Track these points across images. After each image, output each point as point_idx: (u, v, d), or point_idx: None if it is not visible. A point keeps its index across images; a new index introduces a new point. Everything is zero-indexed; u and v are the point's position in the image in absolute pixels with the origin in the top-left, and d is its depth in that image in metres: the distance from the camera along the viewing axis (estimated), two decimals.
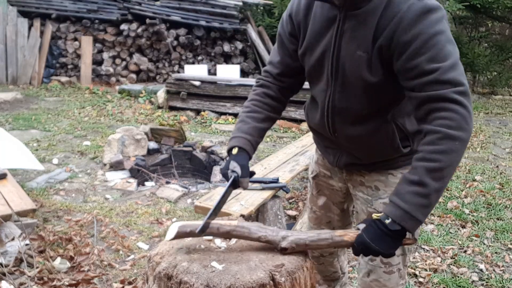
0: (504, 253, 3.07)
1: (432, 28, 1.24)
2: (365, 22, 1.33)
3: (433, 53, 1.23)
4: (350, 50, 1.37)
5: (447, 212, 3.65)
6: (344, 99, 1.45)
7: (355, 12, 1.35)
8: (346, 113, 1.47)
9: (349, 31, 1.37)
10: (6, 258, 2.53)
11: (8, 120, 5.93)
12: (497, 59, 9.17)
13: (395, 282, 1.64)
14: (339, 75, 1.43)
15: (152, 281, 1.24)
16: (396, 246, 1.24)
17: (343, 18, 1.37)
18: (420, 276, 2.74)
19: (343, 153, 1.59)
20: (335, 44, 1.40)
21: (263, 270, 1.19)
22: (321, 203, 1.84)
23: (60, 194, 3.76)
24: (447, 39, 1.25)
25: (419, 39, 1.24)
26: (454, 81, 1.21)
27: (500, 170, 4.79)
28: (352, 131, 1.48)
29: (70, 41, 8.47)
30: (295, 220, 3.43)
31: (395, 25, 1.27)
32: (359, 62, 1.36)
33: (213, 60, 8.53)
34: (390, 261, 1.61)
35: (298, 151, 3.73)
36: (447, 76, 1.21)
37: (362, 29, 1.34)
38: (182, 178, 4.56)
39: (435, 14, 1.25)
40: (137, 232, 3.18)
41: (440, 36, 1.24)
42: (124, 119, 6.30)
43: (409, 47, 1.25)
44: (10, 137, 4.01)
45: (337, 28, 1.39)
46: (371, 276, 1.65)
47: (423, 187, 1.19)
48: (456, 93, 1.20)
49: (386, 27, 1.30)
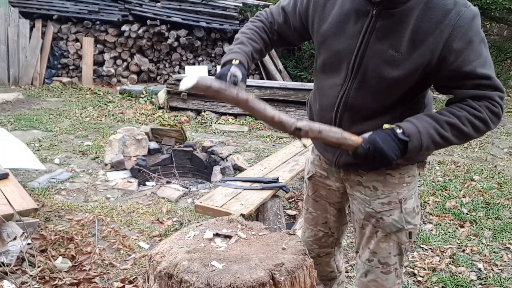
0: (502, 253, 3.08)
1: (479, 35, 1.33)
2: (401, 21, 1.33)
3: (482, 60, 1.33)
4: (380, 48, 1.36)
5: (445, 211, 3.67)
6: (360, 96, 1.44)
7: (392, 11, 1.33)
8: (357, 110, 1.47)
9: (382, 30, 1.35)
10: (8, 258, 2.55)
11: (10, 120, 5.95)
12: (495, 60, 9.16)
13: (392, 282, 1.65)
14: (360, 72, 1.41)
15: (153, 280, 1.25)
16: (397, 155, 1.33)
17: (376, 15, 1.35)
18: (418, 275, 2.76)
19: (343, 152, 1.57)
20: (363, 40, 1.38)
21: (263, 269, 1.20)
22: (317, 203, 1.84)
23: (61, 194, 3.78)
24: (486, 45, 1.37)
25: (470, 46, 1.31)
26: (500, 88, 1.36)
27: (498, 170, 4.81)
28: (359, 129, 1.45)
29: (72, 42, 8.49)
30: (294, 219, 3.45)
31: (446, 33, 1.30)
32: (388, 61, 1.36)
33: (214, 60, 8.54)
34: (387, 261, 1.62)
35: (298, 151, 3.75)
36: (496, 83, 1.35)
37: (397, 28, 1.33)
38: (182, 178, 4.57)
39: (479, 20, 1.34)
40: (138, 231, 3.20)
41: (483, 43, 1.34)
42: (125, 120, 6.31)
43: (462, 53, 1.31)
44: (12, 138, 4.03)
45: (368, 25, 1.37)
46: (368, 276, 1.66)
47: (443, 129, 1.34)
48: (500, 98, 1.36)
49: (431, 32, 1.31)
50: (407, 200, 1.58)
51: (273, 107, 1.29)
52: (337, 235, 1.89)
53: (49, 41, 8.23)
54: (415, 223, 1.60)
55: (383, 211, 1.57)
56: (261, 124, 6.40)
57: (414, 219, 1.60)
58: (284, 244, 1.33)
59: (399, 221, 1.57)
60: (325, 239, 1.88)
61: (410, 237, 1.61)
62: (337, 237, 1.89)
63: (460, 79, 1.35)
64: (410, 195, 1.59)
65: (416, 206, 1.61)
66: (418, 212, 1.62)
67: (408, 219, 1.58)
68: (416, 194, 1.62)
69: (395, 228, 1.57)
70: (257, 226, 1.47)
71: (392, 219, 1.56)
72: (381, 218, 1.57)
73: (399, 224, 1.57)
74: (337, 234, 1.88)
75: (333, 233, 1.87)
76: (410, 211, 1.58)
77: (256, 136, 5.92)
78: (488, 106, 1.34)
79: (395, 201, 1.56)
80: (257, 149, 5.27)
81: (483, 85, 1.34)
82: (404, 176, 1.57)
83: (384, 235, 1.59)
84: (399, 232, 1.58)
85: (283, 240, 1.36)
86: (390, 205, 1.56)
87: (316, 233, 1.88)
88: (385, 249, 1.61)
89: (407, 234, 1.59)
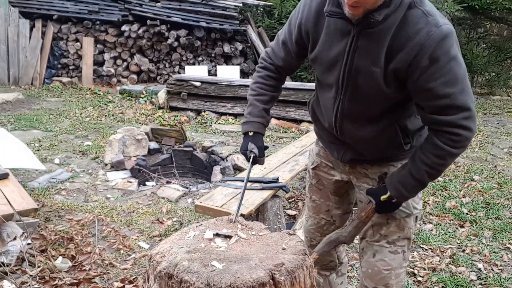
0: (502, 253, 3.09)
1: (449, 55, 1.36)
2: (379, 40, 1.41)
3: (447, 78, 1.36)
4: (364, 65, 1.46)
5: (445, 211, 3.67)
6: (353, 105, 1.55)
7: (370, 31, 1.42)
8: (354, 119, 1.58)
9: (363, 48, 1.45)
10: (8, 258, 2.55)
11: (10, 120, 5.95)
12: (495, 60, 9.18)
13: (399, 263, 1.73)
14: (349, 87, 1.52)
15: (153, 280, 1.25)
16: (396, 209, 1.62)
17: (357, 35, 1.44)
18: (418, 275, 2.76)
19: (348, 150, 1.69)
20: (347, 58, 1.48)
21: (263, 269, 1.20)
22: (320, 191, 1.91)
23: (61, 194, 3.78)
24: (459, 63, 1.38)
25: (436, 64, 1.35)
26: (462, 107, 1.38)
27: (498, 170, 4.81)
28: (360, 133, 1.59)
29: (72, 42, 8.49)
30: (294, 219, 3.45)
31: (414, 51, 1.37)
32: (373, 76, 1.45)
33: (214, 61, 8.54)
34: (395, 242, 1.72)
35: (298, 151, 3.75)
36: (457, 102, 1.37)
37: (375, 47, 1.42)
38: (182, 178, 4.57)
39: (450, 40, 1.36)
40: (138, 231, 3.20)
41: (454, 61, 1.37)
42: (125, 120, 6.31)
43: (426, 71, 1.36)
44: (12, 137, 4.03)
45: (351, 43, 1.46)
46: (376, 256, 1.74)
47: (422, 185, 1.53)
48: (463, 119, 1.39)
49: (401, 49, 1.39)
50: None
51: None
52: (339, 223, 1.95)
53: (49, 41, 8.23)
54: (420, 207, 1.73)
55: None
56: None
57: (419, 204, 1.73)
58: (284, 244, 1.33)
59: (407, 207, 1.68)
60: (327, 227, 1.95)
61: (416, 221, 1.76)
62: (338, 225, 1.95)
63: (423, 98, 1.41)
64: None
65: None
66: (421, 197, 1.75)
67: (415, 204, 1.70)
68: None
69: (404, 214, 1.69)
70: (257, 226, 1.47)
71: (401, 206, 1.65)
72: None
73: (408, 210, 1.69)
74: (339, 222, 1.95)
75: (335, 221, 1.94)
76: (415, 197, 1.68)
77: None
78: (449, 138, 1.41)
79: None
80: None
81: (443, 107, 1.38)
82: None
83: (395, 221, 1.70)
84: (408, 217, 1.70)
85: (283, 240, 1.36)
86: None
87: (319, 221, 1.96)
88: (395, 233, 1.72)
89: (414, 218, 1.73)
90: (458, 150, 1.43)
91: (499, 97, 9.22)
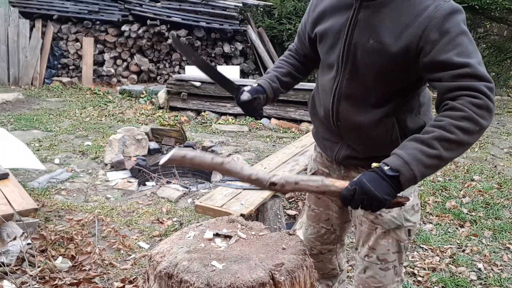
0: (502, 253, 3.09)
1: (459, 28, 1.31)
2: (380, 13, 1.39)
3: (461, 49, 1.29)
4: (362, 39, 1.42)
5: (445, 211, 3.67)
6: (352, 86, 1.50)
7: (371, 3, 1.40)
8: (352, 101, 1.51)
9: (362, 21, 1.42)
10: (8, 258, 2.55)
11: (10, 120, 5.95)
12: (495, 60, 9.17)
13: (391, 278, 1.65)
14: (348, 63, 1.48)
15: (152, 280, 1.25)
16: (390, 194, 1.23)
17: (358, 8, 1.43)
18: (418, 275, 2.76)
19: (342, 146, 1.62)
20: (347, 32, 1.45)
21: (263, 269, 1.20)
22: (319, 201, 1.86)
23: (61, 194, 3.78)
24: (470, 39, 1.32)
25: (447, 36, 1.30)
26: (485, 77, 1.27)
27: (498, 170, 4.81)
28: (356, 120, 1.51)
29: (72, 42, 8.49)
30: (294, 219, 3.45)
31: (423, 24, 1.32)
32: (371, 51, 1.41)
33: (213, 61, 8.54)
34: (386, 258, 1.63)
35: (298, 151, 3.75)
36: (479, 71, 1.27)
37: (376, 19, 1.39)
38: (182, 178, 4.57)
39: (460, 15, 1.33)
40: (138, 231, 3.20)
41: (465, 36, 1.31)
42: (125, 120, 6.31)
43: (438, 43, 1.31)
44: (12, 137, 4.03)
45: (352, 17, 1.44)
46: (367, 272, 1.67)
47: (430, 148, 1.23)
48: (487, 88, 1.26)
49: (410, 25, 1.34)
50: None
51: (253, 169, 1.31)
52: (339, 232, 1.91)
53: (49, 41, 8.23)
54: (414, 221, 1.61)
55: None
56: (261, 124, 6.40)
57: (413, 216, 1.61)
58: (284, 244, 1.33)
59: (398, 218, 1.58)
60: (327, 236, 1.90)
61: (409, 235, 1.62)
62: (339, 234, 1.91)
63: (438, 70, 1.32)
64: (409, 193, 1.59)
65: (415, 204, 1.62)
66: (418, 210, 1.63)
67: (407, 216, 1.59)
68: (415, 193, 1.63)
69: (394, 225, 1.58)
70: (257, 226, 1.47)
71: (391, 216, 1.57)
72: (380, 214, 1.58)
73: (398, 221, 1.58)
74: (339, 231, 1.90)
75: (335, 229, 1.89)
76: (409, 209, 1.59)
77: (256, 136, 5.93)
78: (471, 101, 1.24)
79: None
80: (257, 149, 5.27)
81: (462, 74, 1.27)
82: None
83: (383, 232, 1.60)
84: (398, 229, 1.59)
85: (283, 240, 1.36)
86: None
87: (319, 230, 1.90)
88: (384, 246, 1.62)
89: (406, 231, 1.61)
90: (480, 117, 1.23)
91: (499, 97, 9.22)
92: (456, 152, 1.26)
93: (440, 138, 1.23)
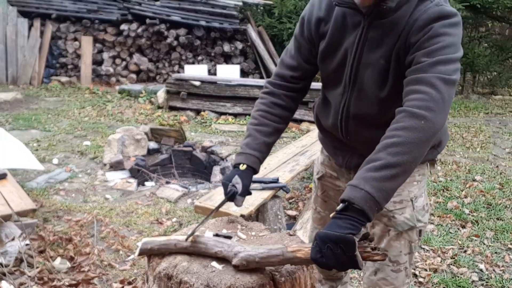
0: (504, 253, 3.07)
1: (441, 30, 1.25)
2: (391, 32, 1.34)
3: (433, 49, 1.24)
4: (373, 58, 1.38)
5: (447, 212, 3.65)
6: (360, 105, 1.46)
7: (381, 22, 1.35)
8: (361, 118, 1.48)
9: (374, 39, 1.37)
10: (6, 258, 2.54)
11: (8, 120, 5.94)
12: (497, 59, 9.17)
13: (402, 280, 1.65)
14: (357, 82, 1.44)
15: (152, 281, 1.24)
16: (351, 227, 1.08)
17: (367, 26, 1.37)
18: (420, 276, 2.74)
19: (353, 155, 1.59)
20: (356, 51, 1.40)
21: (263, 270, 1.19)
22: (325, 204, 1.84)
23: (60, 194, 3.76)
24: (451, 42, 1.25)
25: (425, 36, 1.26)
26: (440, 70, 1.21)
27: (500, 170, 4.80)
28: (366, 135, 1.48)
29: (70, 41, 8.48)
30: (295, 220, 3.43)
31: (410, 27, 1.29)
32: (380, 70, 1.37)
33: (213, 60, 8.53)
34: (398, 260, 1.61)
35: (298, 151, 3.73)
36: (436, 65, 1.21)
37: (386, 38, 1.35)
38: (182, 178, 4.56)
39: (448, 20, 1.27)
40: (137, 232, 3.18)
41: (445, 37, 1.25)
42: (124, 119, 6.30)
43: (416, 43, 1.27)
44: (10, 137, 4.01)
45: (361, 35, 1.39)
46: (378, 274, 1.66)
47: (375, 161, 1.15)
48: (437, 78, 1.20)
49: (405, 32, 1.31)
50: (418, 198, 1.59)
51: (217, 241, 1.27)
52: None
53: (47, 40, 8.22)
54: (424, 221, 1.62)
55: (395, 210, 1.57)
56: None
57: (424, 217, 1.62)
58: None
59: (411, 219, 1.57)
60: None
61: (420, 235, 1.63)
62: None
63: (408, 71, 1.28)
64: (420, 193, 1.60)
65: (426, 204, 1.62)
66: (428, 210, 1.64)
67: (419, 217, 1.59)
68: (425, 192, 1.64)
69: (407, 227, 1.57)
70: (257, 226, 1.46)
71: (404, 217, 1.56)
72: (393, 216, 1.57)
73: (411, 222, 1.57)
74: None
75: None
76: (421, 209, 1.60)
77: None
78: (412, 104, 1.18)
79: (406, 199, 1.57)
80: None
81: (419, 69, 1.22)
82: (414, 174, 1.57)
83: (396, 234, 1.59)
84: (411, 230, 1.59)
85: (283, 240, 1.35)
86: (402, 204, 1.57)
87: None
88: (396, 248, 1.61)
89: (417, 232, 1.61)
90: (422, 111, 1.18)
91: (501, 96, 9.22)
92: (410, 154, 1.15)
93: (384, 147, 1.17)
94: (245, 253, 1.19)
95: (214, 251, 1.25)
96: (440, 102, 1.19)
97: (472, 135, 6.21)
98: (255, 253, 1.19)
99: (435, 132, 1.19)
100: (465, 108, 7.88)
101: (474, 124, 6.81)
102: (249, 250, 1.20)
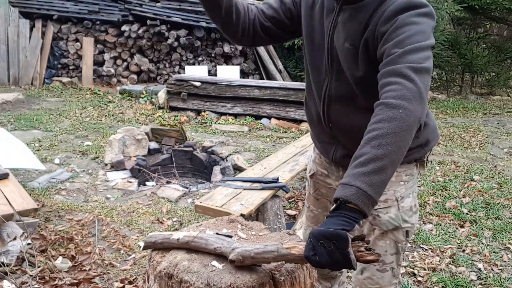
0: (502, 253, 3.09)
1: (408, 19, 1.25)
2: (356, 16, 1.39)
3: (400, 39, 1.23)
4: (339, 42, 1.43)
5: (445, 211, 3.67)
6: (340, 88, 1.49)
7: (350, 6, 1.41)
8: (342, 103, 1.51)
9: (341, 23, 1.43)
10: (8, 258, 2.55)
11: (10, 120, 5.95)
12: (495, 60, 9.18)
13: (388, 280, 1.64)
14: (334, 65, 1.48)
15: (152, 280, 1.25)
16: (345, 224, 1.07)
17: (338, 10, 1.44)
18: (418, 275, 2.76)
19: (338, 146, 1.61)
20: (329, 34, 1.46)
21: (263, 269, 1.19)
22: (318, 202, 1.85)
23: (61, 194, 3.78)
24: (419, 30, 1.24)
25: (392, 27, 1.27)
26: (410, 60, 1.20)
27: (498, 170, 4.81)
28: (347, 122, 1.51)
29: (72, 42, 8.49)
30: (294, 219, 3.45)
31: (378, 18, 1.33)
32: (346, 54, 1.41)
33: (214, 61, 8.54)
34: (383, 259, 1.61)
35: (298, 151, 3.75)
36: (405, 55, 1.21)
37: (352, 22, 1.40)
38: (182, 178, 4.57)
39: (416, 10, 1.27)
40: (138, 231, 3.20)
41: (411, 26, 1.24)
42: (125, 120, 6.32)
43: (384, 35, 1.29)
44: (12, 138, 4.03)
45: (332, 19, 1.45)
46: (364, 273, 1.65)
47: (361, 156, 1.14)
48: (408, 69, 1.19)
49: (374, 23, 1.34)
50: (404, 199, 1.58)
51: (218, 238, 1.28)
52: None
53: (49, 41, 8.23)
54: (412, 222, 1.60)
55: (379, 208, 1.56)
56: (261, 124, 6.40)
57: (411, 218, 1.60)
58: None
59: (396, 219, 1.56)
60: None
61: (407, 236, 1.61)
62: None
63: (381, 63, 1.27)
64: (407, 194, 1.59)
65: (413, 205, 1.61)
66: (416, 211, 1.62)
67: (405, 217, 1.58)
68: (414, 193, 1.62)
69: (391, 226, 1.57)
70: (257, 226, 1.47)
71: (388, 217, 1.56)
72: (378, 215, 1.57)
73: (396, 222, 1.57)
74: None
75: None
76: (407, 210, 1.58)
77: (256, 136, 5.93)
78: (387, 95, 1.18)
79: (392, 198, 1.57)
80: (257, 149, 5.27)
81: (390, 61, 1.22)
82: (401, 174, 1.57)
83: (381, 233, 1.59)
84: (396, 230, 1.58)
85: (283, 240, 1.36)
86: (387, 203, 1.56)
87: None
88: (381, 247, 1.60)
89: (404, 232, 1.59)
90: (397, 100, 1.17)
91: (499, 97, 9.22)
92: (394, 144, 1.13)
93: (367, 141, 1.15)
94: (242, 248, 1.21)
95: (214, 247, 1.26)
96: (414, 90, 1.17)
97: (470, 135, 6.22)
98: (251, 248, 1.20)
99: (416, 119, 1.17)
100: (464, 109, 7.89)
101: (473, 124, 6.82)
102: (246, 246, 1.22)
